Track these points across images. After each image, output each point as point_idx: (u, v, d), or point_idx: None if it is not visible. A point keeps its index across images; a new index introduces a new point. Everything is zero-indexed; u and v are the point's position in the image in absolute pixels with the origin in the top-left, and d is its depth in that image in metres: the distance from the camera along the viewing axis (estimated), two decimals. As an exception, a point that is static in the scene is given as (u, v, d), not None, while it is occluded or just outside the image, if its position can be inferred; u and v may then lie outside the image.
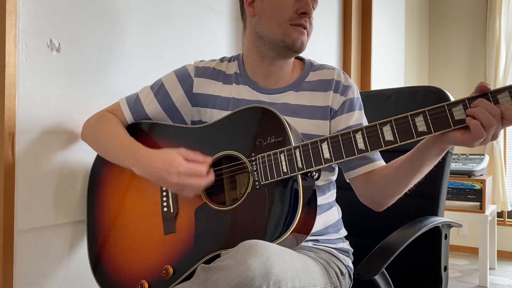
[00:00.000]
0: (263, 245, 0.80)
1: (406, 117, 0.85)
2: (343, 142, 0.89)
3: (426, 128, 0.83)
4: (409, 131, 0.84)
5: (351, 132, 0.89)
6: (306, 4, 1.05)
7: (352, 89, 1.12)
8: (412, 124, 0.84)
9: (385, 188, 1.03)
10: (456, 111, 0.82)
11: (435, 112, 0.83)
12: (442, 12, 4.31)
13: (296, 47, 1.06)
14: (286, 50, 1.07)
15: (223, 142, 1.01)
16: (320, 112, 1.09)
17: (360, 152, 0.88)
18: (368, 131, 0.88)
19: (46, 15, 1.11)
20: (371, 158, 1.07)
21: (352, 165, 1.08)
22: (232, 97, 1.12)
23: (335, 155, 0.90)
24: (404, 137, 0.85)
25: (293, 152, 0.92)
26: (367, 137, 0.88)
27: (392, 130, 0.85)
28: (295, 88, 1.12)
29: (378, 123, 0.87)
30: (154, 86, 1.17)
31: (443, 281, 1.17)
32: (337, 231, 1.14)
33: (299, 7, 1.05)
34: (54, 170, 1.15)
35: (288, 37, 1.05)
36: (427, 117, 0.83)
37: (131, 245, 1.05)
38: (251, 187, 0.94)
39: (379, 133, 0.87)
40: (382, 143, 0.86)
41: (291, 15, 1.05)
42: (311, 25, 1.09)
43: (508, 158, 4.01)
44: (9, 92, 1.03)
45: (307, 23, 1.07)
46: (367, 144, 0.87)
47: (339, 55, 2.69)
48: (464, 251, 4.07)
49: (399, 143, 0.85)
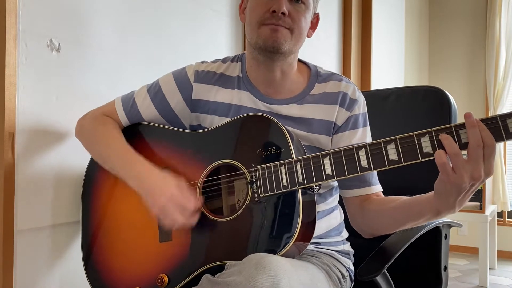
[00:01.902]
0: (270, 260, 0.78)
1: (412, 136, 0.81)
2: (346, 159, 0.86)
3: (432, 149, 0.80)
4: (414, 152, 0.81)
5: (354, 148, 0.86)
6: (276, 4, 0.99)
7: (358, 103, 1.08)
8: (418, 144, 0.81)
9: (377, 223, 1.02)
10: (463, 133, 0.78)
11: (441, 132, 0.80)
12: (442, 12, 4.31)
13: (269, 46, 1.00)
14: (266, 52, 1.02)
15: (223, 150, 0.99)
16: (323, 126, 1.06)
17: (363, 170, 0.85)
18: (371, 149, 0.85)
19: (46, 15, 1.11)
20: (369, 181, 1.04)
21: (349, 184, 1.06)
22: (233, 104, 1.09)
23: (337, 172, 0.87)
24: (409, 157, 0.82)
25: (294, 165, 0.89)
26: (370, 155, 0.85)
27: (397, 149, 0.82)
28: (298, 101, 1.07)
29: (382, 141, 0.84)
30: (151, 89, 1.12)
31: (443, 281, 1.17)
32: (338, 234, 1.13)
33: (270, 6, 0.99)
34: (54, 170, 1.15)
35: (260, 37, 1.01)
36: (433, 137, 0.80)
37: (125, 250, 1.04)
38: (249, 198, 0.92)
39: (383, 151, 0.84)
40: (386, 162, 0.83)
41: (262, 15, 1.00)
42: (294, 22, 1.01)
43: (508, 158, 4.02)
44: (9, 92, 1.03)
45: (280, 20, 0.99)
46: (371, 162, 0.84)
47: (339, 55, 2.69)
48: (464, 251, 4.07)
49: (403, 163, 0.82)
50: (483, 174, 0.77)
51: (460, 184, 0.78)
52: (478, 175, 0.77)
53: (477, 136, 0.76)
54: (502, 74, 3.90)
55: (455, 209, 0.84)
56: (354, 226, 1.08)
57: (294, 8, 1.01)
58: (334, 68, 2.63)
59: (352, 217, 1.08)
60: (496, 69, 3.90)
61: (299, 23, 1.02)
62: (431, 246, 1.20)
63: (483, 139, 0.76)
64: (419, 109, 1.36)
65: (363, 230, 1.06)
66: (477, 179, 0.77)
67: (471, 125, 0.76)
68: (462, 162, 0.77)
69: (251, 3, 1.04)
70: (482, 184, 3.14)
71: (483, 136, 0.76)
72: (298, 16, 1.02)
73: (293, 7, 1.01)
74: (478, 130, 0.76)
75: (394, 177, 1.11)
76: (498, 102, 3.86)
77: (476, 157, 0.76)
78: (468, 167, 0.76)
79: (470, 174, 0.77)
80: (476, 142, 0.76)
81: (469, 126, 0.76)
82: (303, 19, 1.03)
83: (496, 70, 3.90)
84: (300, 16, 1.02)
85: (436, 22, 4.33)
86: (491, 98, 3.90)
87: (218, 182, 0.99)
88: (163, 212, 0.93)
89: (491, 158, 0.77)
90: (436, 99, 1.32)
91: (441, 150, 0.78)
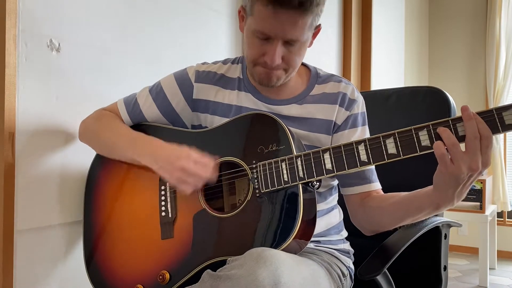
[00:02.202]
0: (271, 254, 0.79)
1: (410, 130, 0.83)
2: (346, 153, 0.88)
3: (430, 142, 0.82)
4: (413, 145, 0.83)
5: (353, 143, 0.88)
6: (269, 57, 0.97)
7: (357, 103, 1.09)
8: (416, 138, 0.83)
9: (378, 219, 1.03)
10: (460, 126, 0.80)
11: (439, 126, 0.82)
12: (442, 12, 4.31)
13: (264, 83, 1.03)
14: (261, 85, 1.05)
15: (224, 148, 1.00)
16: (323, 126, 1.07)
17: (362, 164, 0.87)
18: (371, 143, 0.87)
19: (46, 15, 1.11)
20: (369, 178, 1.06)
21: (349, 181, 1.07)
22: (234, 105, 1.10)
23: (337, 166, 0.89)
24: (408, 151, 0.84)
25: (295, 161, 0.91)
26: (369, 149, 0.86)
27: (395, 143, 0.84)
28: (298, 101, 1.09)
29: (381, 135, 0.86)
30: (153, 89, 1.14)
31: (443, 280, 1.18)
32: (338, 233, 1.14)
33: (264, 52, 0.98)
34: (54, 170, 1.15)
35: (254, 74, 1.03)
36: (431, 131, 0.82)
37: (127, 248, 1.05)
38: (251, 194, 0.93)
39: (382, 145, 0.85)
40: (384, 156, 0.85)
41: (256, 57, 1.00)
42: (289, 64, 1.01)
43: (508, 158, 4.02)
44: (9, 92, 1.03)
45: (274, 65, 0.99)
46: (370, 156, 0.86)
47: (339, 55, 2.69)
48: (464, 251, 4.07)
49: (402, 157, 0.84)
50: (480, 165, 0.79)
51: (458, 175, 0.80)
52: (476, 166, 0.79)
53: (474, 128, 0.78)
54: (502, 74, 3.90)
55: (453, 201, 0.86)
56: (355, 223, 1.09)
57: (289, 51, 0.99)
58: (334, 68, 2.63)
59: (353, 214, 1.09)
60: (496, 69, 3.90)
61: (294, 63, 1.02)
62: (431, 245, 1.20)
63: (480, 131, 0.78)
64: (419, 110, 1.36)
65: (364, 227, 1.07)
66: (475, 170, 0.79)
67: (468, 118, 0.78)
68: (460, 153, 0.79)
69: (247, 35, 1.01)
70: (482, 184, 3.13)
71: (479, 128, 0.78)
72: (293, 58, 1.00)
73: (287, 51, 0.98)
74: (475, 122, 0.78)
75: (392, 175, 1.12)
76: (498, 102, 3.86)
77: (474, 149, 0.78)
78: (466, 158, 0.79)
79: (468, 165, 0.79)
80: (473, 134, 0.78)
81: (466, 119, 0.79)
82: (298, 59, 1.02)
83: (496, 70, 3.90)
84: (295, 57, 1.00)
85: (436, 22, 4.33)
86: (491, 98, 3.90)
87: (219, 179, 1.00)
88: (184, 173, 0.94)
89: (488, 149, 0.79)
90: (436, 99, 1.32)
91: (440, 141, 0.80)
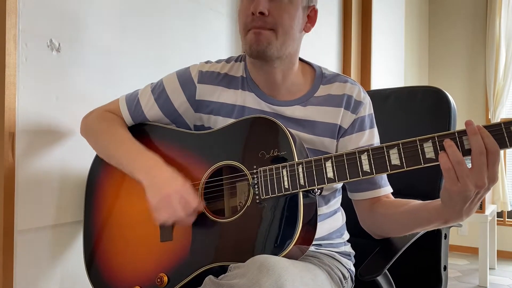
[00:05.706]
0: (273, 261, 0.78)
1: (415, 141, 0.81)
2: (348, 162, 0.86)
3: (434, 155, 0.80)
4: (417, 157, 0.81)
5: (356, 152, 0.86)
6: (254, 7, 0.95)
7: (364, 105, 1.06)
8: (420, 149, 0.81)
9: (386, 226, 1.02)
10: (466, 140, 0.78)
11: None
12: (442, 12, 4.31)
13: (254, 51, 0.99)
14: (256, 58, 1.01)
15: (225, 151, 0.99)
16: (327, 129, 1.05)
17: (364, 174, 0.85)
18: (374, 153, 0.85)
19: (46, 15, 1.11)
20: (378, 183, 1.04)
21: (359, 187, 1.05)
22: (237, 104, 1.08)
23: (338, 175, 0.87)
24: (411, 162, 0.81)
25: (296, 168, 0.89)
26: (372, 159, 0.84)
27: (399, 154, 0.82)
28: (302, 102, 1.06)
29: (385, 145, 0.84)
30: (155, 89, 1.12)
31: (442, 280, 1.18)
32: (340, 236, 1.13)
33: (252, 11, 0.97)
34: (54, 170, 1.15)
35: (246, 44, 1.00)
36: (436, 143, 0.80)
37: (127, 249, 1.04)
38: (251, 200, 0.92)
39: (385, 156, 0.83)
40: (388, 167, 0.83)
41: (245, 20, 0.98)
42: (277, 21, 0.97)
43: (508, 158, 4.02)
44: (9, 92, 1.03)
45: (260, 21, 0.96)
46: (373, 167, 0.84)
47: (339, 55, 2.69)
48: (464, 251, 4.07)
49: (405, 168, 0.82)
50: (487, 181, 0.77)
51: (464, 193, 0.78)
52: (482, 182, 0.77)
53: (480, 143, 0.76)
54: (502, 74, 3.90)
55: (462, 218, 0.84)
56: (364, 227, 1.08)
57: (275, 5, 0.97)
58: (334, 68, 2.63)
59: (362, 219, 1.08)
60: (496, 69, 3.90)
61: (282, 21, 0.98)
62: (431, 246, 1.20)
63: (487, 146, 0.76)
64: (418, 109, 1.36)
65: (373, 231, 1.07)
66: (481, 186, 0.77)
67: (472, 132, 0.76)
68: (466, 171, 0.77)
69: (239, 7, 1.03)
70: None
71: (486, 143, 0.76)
72: (280, 13, 0.97)
73: (274, 4, 0.97)
74: (480, 137, 0.76)
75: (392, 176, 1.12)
76: (498, 102, 3.86)
77: (480, 165, 0.76)
78: (472, 176, 0.77)
79: (475, 183, 0.77)
80: (479, 148, 0.76)
81: (470, 133, 0.77)
82: (286, 16, 0.98)
83: (496, 70, 3.90)
84: (282, 12, 0.97)
85: (436, 22, 4.33)
86: (491, 98, 3.90)
87: (220, 183, 0.99)
88: (165, 203, 0.93)
89: (495, 165, 0.77)
90: (436, 99, 1.32)
91: (445, 153, 0.78)
